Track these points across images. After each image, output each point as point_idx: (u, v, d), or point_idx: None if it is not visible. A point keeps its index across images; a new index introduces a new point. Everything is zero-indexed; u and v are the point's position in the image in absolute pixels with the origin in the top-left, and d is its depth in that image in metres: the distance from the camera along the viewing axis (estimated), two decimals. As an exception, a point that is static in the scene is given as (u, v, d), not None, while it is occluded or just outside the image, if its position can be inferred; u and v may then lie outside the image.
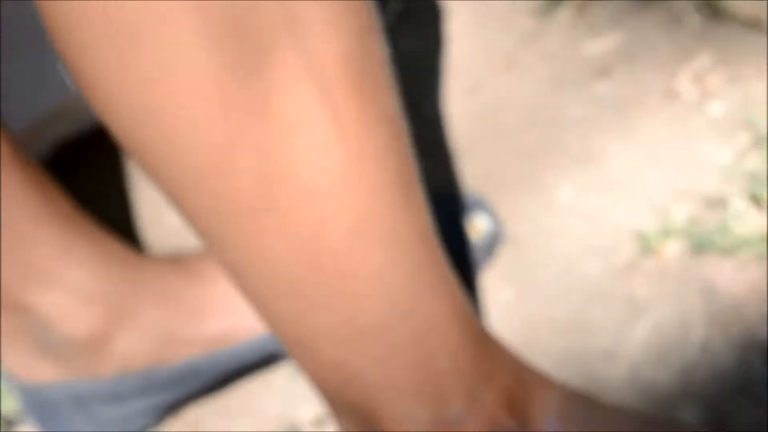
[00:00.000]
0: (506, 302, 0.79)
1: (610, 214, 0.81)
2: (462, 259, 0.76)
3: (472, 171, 0.85)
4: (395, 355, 0.53)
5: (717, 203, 0.78)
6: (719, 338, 0.74)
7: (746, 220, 0.77)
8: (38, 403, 0.73)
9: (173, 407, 0.76)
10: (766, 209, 0.76)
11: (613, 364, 0.75)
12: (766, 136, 0.78)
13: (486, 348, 0.57)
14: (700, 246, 0.76)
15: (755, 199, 0.77)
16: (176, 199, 0.47)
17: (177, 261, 0.77)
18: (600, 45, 0.87)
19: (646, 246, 0.77)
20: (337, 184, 0.46)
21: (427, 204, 0.52)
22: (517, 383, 0.58)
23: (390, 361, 0.53)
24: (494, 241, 0.78)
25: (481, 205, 0.79)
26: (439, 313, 0.53)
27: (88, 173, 0.90)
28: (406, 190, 0.49)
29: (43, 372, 0.72)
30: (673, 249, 0.77)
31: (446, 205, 0.78)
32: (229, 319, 0.75)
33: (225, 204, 0.46)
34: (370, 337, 0.52)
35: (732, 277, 0.76)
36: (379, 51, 0.47)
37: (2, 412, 0.75)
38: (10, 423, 0.76)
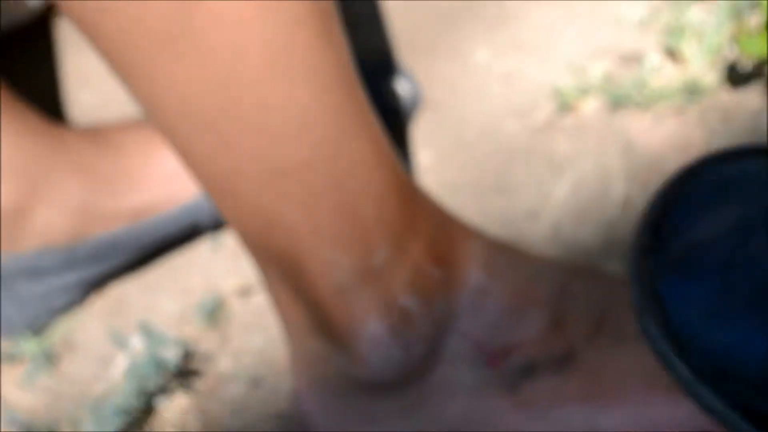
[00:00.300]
0: (426, 166, 0.78)
1: (527, 74, 0.80)
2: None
3: (388, 36, 0.84)
4: (318, 199, 0.52)
5: (633, 58, 0.79)
6: (639, 193, 0.75)
7: (662, 74, 0.77)
8: (-43, 281, 0.71)
9: (96, 283, 0.75)
10: (681, 62, 0.77)
11: (535, 224, 0.75)
12: (680, -11, 0.78)
13: (411, 197, 0.56)
14: (618, 101, 0.76)
15: (670, 53, 0.77)
16: (92, 26, 0.46)
17: (97, 132, 0.75)
18: None
19: (564, 103, 0.77)
20: (254, 10, 0.45)
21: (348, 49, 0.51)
22: (443, 233, 0.58)
23: (312, 204, 0.52)
24: (413, 106, 0.78)
25: (399, 70, 0.78)
26: (363, 156, 0.52)
27: (7, 47, 0.87)
28: (327, 25, 0.49)
29: (-40, 249, 0.70)
30: (591, 105, 0.77)
31: (363, 70, 0.77)
32: (151, 191, 0.74)
33: (141, 29, 0.45)
34: (292, 178, 0.51)
35: (650, 132, 0.76)
36: None
37: None
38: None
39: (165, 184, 0.74)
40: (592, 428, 0.58)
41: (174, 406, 0.71)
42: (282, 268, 0.55)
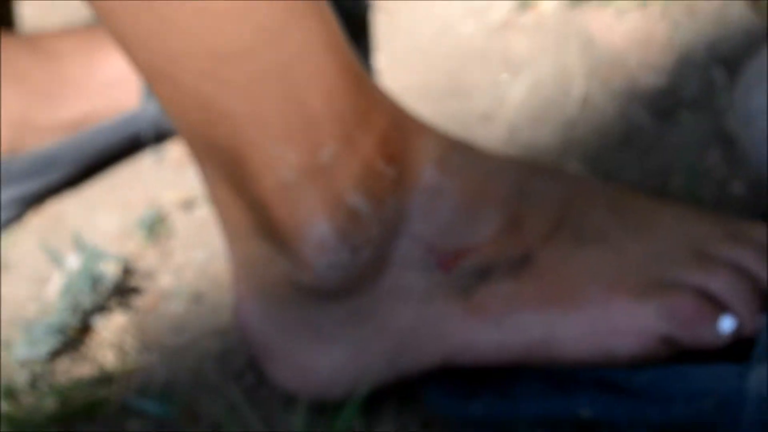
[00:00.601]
0: (380, 70, 0.74)
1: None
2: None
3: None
4: (262, 86, 0.49)
5: (593, -49, 0.74)
6: (600, 91, 0.71)
7: (624, -34, 0.73)
8: None
9: (33, 200, 0.72)
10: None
11: (491, 126, 0.71)
12: None
13: (363, 88, 0.53)
14: (577, -4, 0.72)
15: (633, -57, 0.73)
16: None
17: (34, 40, 0.72)
18: None
19: (522, 1, 0.73)
20: None
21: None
22: (396, 129, 0.54)
23: (256, 92, 0.49)
24: (365, 8, 0.74)
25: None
26: (311, 41, 0.49)
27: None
28: None
29: None
30: (549, 2, 0.73)
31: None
32: (90, 100, 0.71)
33: None
34: (234, 63, 0.48)
35: (611, 27, 0.72)
36: None
37: None
38: None
39: (105, 92, 0.71)
40: (548, 336, 0.54)
41: (111, 325, 0.67)
42: (223, 164, 0.52)
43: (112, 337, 0.67)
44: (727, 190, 0.66)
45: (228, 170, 0.52)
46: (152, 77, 0.49)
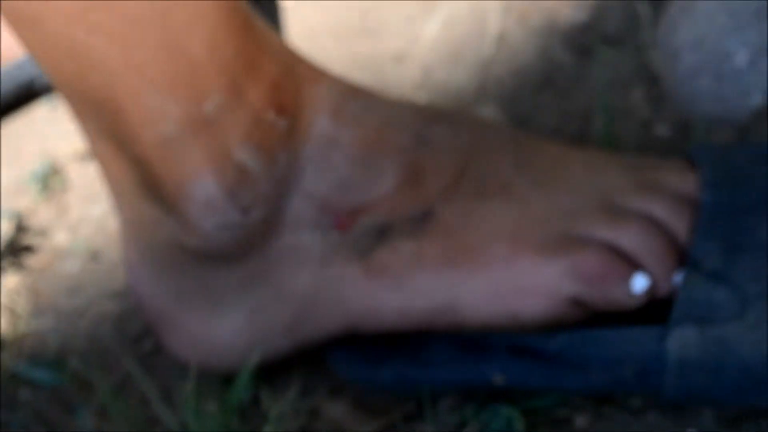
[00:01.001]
0: (287, 8, 0.70)
1: None
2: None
3: None
4: (136, 32, 0.45)
5: None
6: (517, 28, 0.68)
7: None
8: None
9: None
10: None
11: (403, 67, 0.68)
12: None
13: (251, 33, 0.48)
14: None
15: None
16: None
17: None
18: None
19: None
20: None
21: None
22: (288, 76, 0.50)
23: (130, 38, 0.45)
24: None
25: None
26: None
27: None
28: None
29: None
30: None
31: None
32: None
33: None
34: (105, 7, 0.44)
35: (528, -40, 0.68)
36: None
37: None
38: None
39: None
40: (452, 299, 0.51)
41: (2, 287, 0.63)
42: (100, 117, 0.48)
43: (3, 300, 0.63)
44: (651, 132, 0.63)
45: (105, 124, 0.48)
46: (16, 21, 0.45)
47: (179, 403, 0.56)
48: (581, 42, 0.66)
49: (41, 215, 0.67)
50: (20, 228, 0.66)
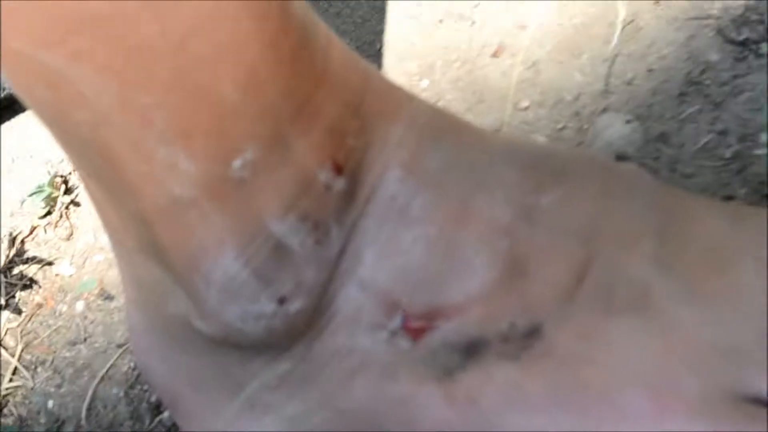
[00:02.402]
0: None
1: None
2: None
3: None
4: (138, 66, 0.31)
5: None
6: (651, 15, 0.52)
7: None
8: None
9: None
10: None
11: (504, 62, 0.52)
12: None
13: (306, 60, 0.33)
14: None
15: None
16: None
17: None
18: None
19: None
20: None
21: None
22: (353, 116, 0.35)
23: (130, 74, 0.31)
24: None
25: None
26: None
27: None
28: None
29: None
30: None
31: None
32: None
33: None
34: (94, 32, 0.30)
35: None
36: None
37: None
38: None
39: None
40: None
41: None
42: (91, 162, 0.34)
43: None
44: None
45: (97, 170, 0.34)
46: None
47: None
48: (736, 35, 0.51)
49: (42, 238, 0.53)
50: (18, 254, 0.52)
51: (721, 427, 0.32)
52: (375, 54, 0.55)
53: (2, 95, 0.57)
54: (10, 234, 0.53)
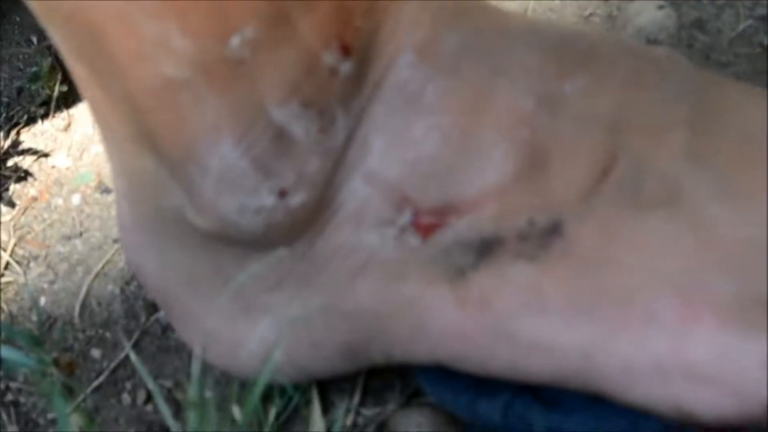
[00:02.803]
0: None
1: None
2: None
3: None
4: None
5: None
6: None
7: None
8: None
9: None
10: None
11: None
12: None
13: None
14: None
15: None
16: None
17: None
18: None
19: None
20: None
21: None
22: None
23: None
24: None
25: None
26: None
27: None
28: None
29: None
30: None
31: None
32: None
33: None
34: None
35: None
36: None
37: None
38: None
39: None
40: (586, 364, 0.31)
41: (-21, 225, 0.48)
42: (76, 39, 0.31)
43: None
44: None
45: (83, 49, 0.31)
46: None
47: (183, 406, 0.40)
48: None
49: (38, 128, 0.51)
50: (13, 145, 0.50)
51: (754, 336, 0.29)
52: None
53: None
54: (5, 124, 0.51)
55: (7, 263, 0.48)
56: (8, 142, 0.51)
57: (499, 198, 0.33)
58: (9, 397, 0.44)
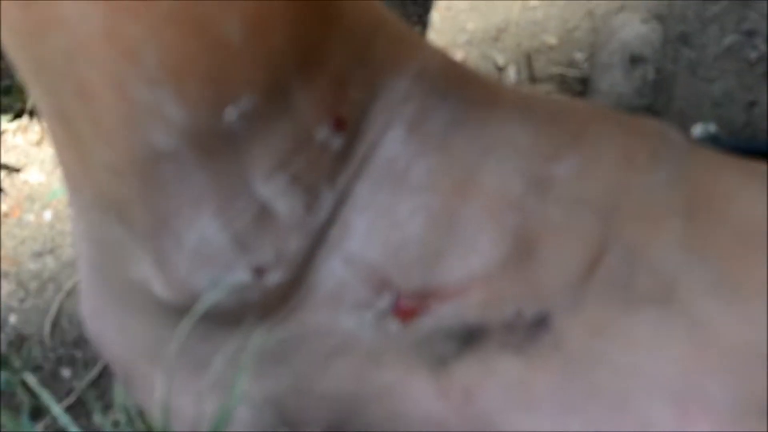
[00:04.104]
0: None
1: None
2: None
3: None
4: None
5: None
6: None
7: None
8: None
9: None
10: None
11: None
12: None
13: (320, 1, 0.29)
14: None
15: None
16: None
17: None
18: None
19: None
20: None
21: None
22: (361, 66, 0.31)
23: None
24: None
25: None
26: None
27: None
28: None
29: None
30: None
31: None
32: None
33: None
34: None
35: None
36: None
37: None
38: None
39: None
40: None
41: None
42: (60, 97, 0.30)
43: None
44: None
45: (69, 111, 0.30)
46: None
47: None
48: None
49: (10, 143, 0.50)
50: (-16, 159, 0.49)
51: None
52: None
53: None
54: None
55: (-23, 280, 0.47)
56: (-21, 157, 0.50)
57: (485, 285, 0.31)
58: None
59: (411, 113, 0.31)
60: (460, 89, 0.32)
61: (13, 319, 0.45)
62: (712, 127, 0.42)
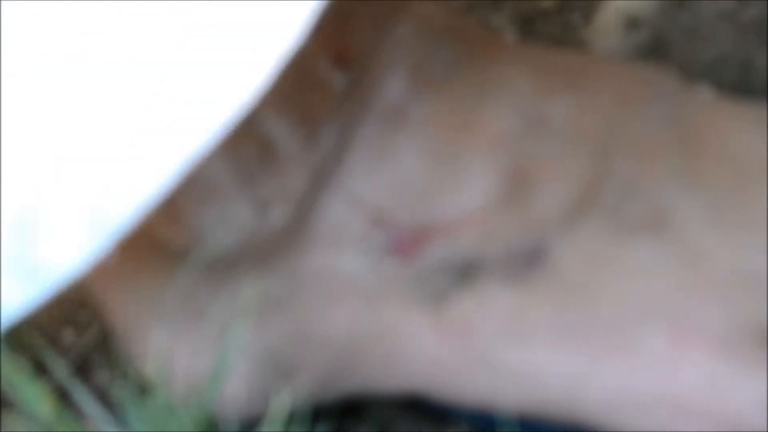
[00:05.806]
0: None
1: None
2: None
3: None
4: None
5: None
6: None
7: None
8: None
9: None
10: None
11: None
12: None
13: None
14: None
15: None
16: None
17: None
18: None
19: None
20: None
21: None
22: (363, 3, 0.32)
23: None
24: None
25: None
26: None
27: None
28: None
29: None
30: None
31: None
32: None
33: None
34: None
35: None
36: None
37: None
38: None
39: None
40: (571, 395, 0.31)
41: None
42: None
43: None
44: None
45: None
46: None
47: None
48: None
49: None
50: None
51: (749, 372, 0.29)
52: None
53: None
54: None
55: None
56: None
57: (481, 220, 0.33)
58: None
59: (413, 57, 0.32)
60: (460, 37, 0.33)
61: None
62: (708, 89, 0.43)
